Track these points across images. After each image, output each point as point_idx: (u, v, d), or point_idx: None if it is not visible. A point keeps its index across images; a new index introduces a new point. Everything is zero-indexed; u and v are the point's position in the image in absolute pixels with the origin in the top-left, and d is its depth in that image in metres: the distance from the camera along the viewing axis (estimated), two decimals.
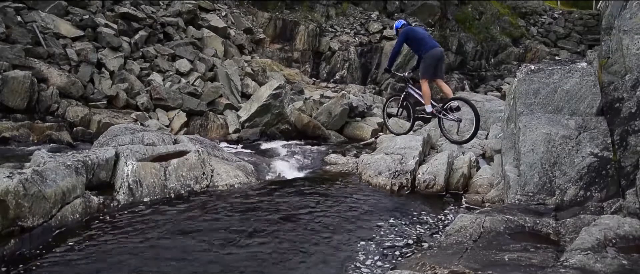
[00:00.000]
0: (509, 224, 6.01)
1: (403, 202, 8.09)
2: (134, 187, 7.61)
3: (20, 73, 13.08)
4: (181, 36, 19.57)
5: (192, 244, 6.04)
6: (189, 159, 8.47)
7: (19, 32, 14.57)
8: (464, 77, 29.19)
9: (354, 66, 24.94)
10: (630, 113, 6.55)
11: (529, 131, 7.18)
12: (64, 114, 13.67)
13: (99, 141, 9.66)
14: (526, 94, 7.65)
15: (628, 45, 6.93)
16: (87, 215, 6.86)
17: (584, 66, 7.62)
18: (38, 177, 6.40)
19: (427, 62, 10.56)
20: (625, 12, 7.17)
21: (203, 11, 22.16)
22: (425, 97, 10.56)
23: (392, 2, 28.74)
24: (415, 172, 9.02)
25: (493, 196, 8.01)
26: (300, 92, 20.25)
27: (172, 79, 16.67)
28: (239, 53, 21.80)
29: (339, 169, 10.35)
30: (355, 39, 25.87)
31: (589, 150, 6.67)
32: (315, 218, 7.10)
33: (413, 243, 6.40)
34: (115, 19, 17.54)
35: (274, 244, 6.14)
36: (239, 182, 8.75)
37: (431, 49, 10.52)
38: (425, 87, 10.53)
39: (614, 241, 5.01)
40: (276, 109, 16.12)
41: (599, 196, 6.30)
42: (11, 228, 5.87)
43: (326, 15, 26.81)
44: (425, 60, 10.59)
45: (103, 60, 15.76)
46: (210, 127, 15.49)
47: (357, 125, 17.11)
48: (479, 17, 31.95)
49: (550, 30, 34.95)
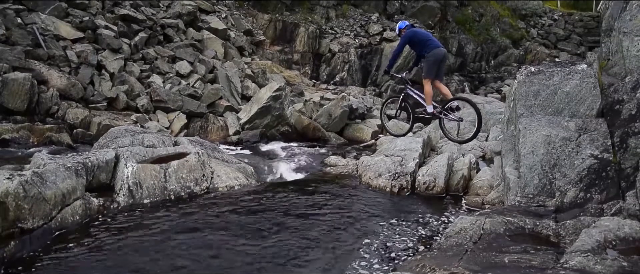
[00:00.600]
0: (509, 226, 6.02)
1: (403, 204, 8.10)
2: (134, 189, 7.61)
3: (20, 75, 13.07)
4: (181, 38, 19.56)
5: (193, 245, 6.05)
6: (189, 161, 8.48)
7: (19, 34, 14.56)
8: (464, 79, 29.18)
9: (354, 68, 24.93)
10: (630, 115, 6.56)
11: (529, 132, 7.19)
12: (64, 116, 13.65)
13: (99, 142, 9.67)
14: (526, 96, 7.65)
15: (628, 47, 6.95)
16: (87, 217, 6.86)
17: (584, 68, 7.63)
18: (38, 179, 6.40)
19: (430, 62, 10.37)
20: (625, 14, 7.18)
21: (203, 13, 22.15)
22: (427, 98, 10.45)
23: (392, 4, 28.74)
24: (415, 174, 9.03)
25: (493, 197, 8.02)
26: (300, 94, 20.25)
27: (172, 81, 16.66)
28: (239, 55, 21.79)
29: (339, 171, 10.35)
30: (355, 41, 25.85)
31: (589, 152, 6.67)
32: (315, 220, 7.11)
33: (413, 245, 6.40)
34: (115, 20, 17.53)
35: (274, 246, 6.14)
36: (239, 184, 8.75)
37: (434, 49, 10.37)
38: (427, 88, 10.41)
39: (614, 243, 5.02)
40: (276, 111, 16.11)
41: (599, 198, 6.31)
42: (11, 229, 5.87)
43: (326, 17, 26.80)
44: (428, 60, 10.37)
45: (103, 62, 15.75)
46: (210, 129, 15.48)
47: (357, 127, 17.11)
48: (479, 18, 31.94)
49: (551, 32, 34.94)
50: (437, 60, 10.23)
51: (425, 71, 10.33)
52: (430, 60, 10.24)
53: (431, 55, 10.27)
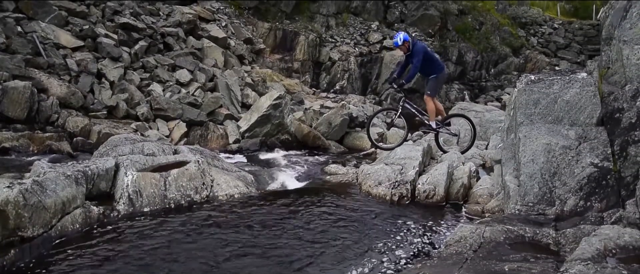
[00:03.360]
0: (509, 235, 6.01)
1: (403, 213, 8.09)
2: (134, 197, 7.60)
3: (21, 83, 13.09)
4: (181, 46, 19.61)
5: (193, 254, 6.03)
6: (189, 169, 8.47)
7: (19, 42, 14.59)
8: (464, 87, 29.24)
9: (354, 76, 25.00)
10: (630, 123, 6.56)
11: (529, 141, 7.19)
12: (64, 125, 13.66)
13: (99, 151, 9.65)
14: (526, 104, 7.65)
15: (628, 56, 6.95)
16: (87, 225, 6.85)
17: (584, 76, 7.63)
18: (38, 187, 6.40)
19: (440, 81, 11.31)
20: (625, 23, 7.18)
21: (203, 21, 22.22)
22: (431, 114, 11.00)
23: (392, 13, 28.84)
24: (415, 182, 9.02)
25: (493, 206, 8.01)
26: (300, 103, 20.29)
27: (172, 89, 16.68)
28: (239, 63, 21.83)
29: (338, 180, 10.35)
30: (355, 50, 25.93)
31: (589, 160, 6.67)
32: (315, 228, 7.10)
33: (413, 253, 6.39)
34: (116, 29, 17.58)
35: (274, 254, 6.13)
36: (239, 192, 8.74)
37: (443, 70, 11.20)
38: (431, 105, 10.97)
39: (614, 252, 5.01)
40: (276, 119, 16.12)
41: (599, 206, 6.31)
42: (11, 238, 5.86)
43: (326, 26, 26.87)
44: (439, 79, 11.17)
45: (103, 70, 15.78)
46: (210, 138, 15.49)
47: (357, 135, 17.12)
48: (479, 27, 32.02)
49: (551, 40, 35.03)
50: (443, 81, 10.69)
51: (432, 89, 11.05)
52: (441, 80, 11.23)
53: (442, 76, 11.23)
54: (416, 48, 10.80)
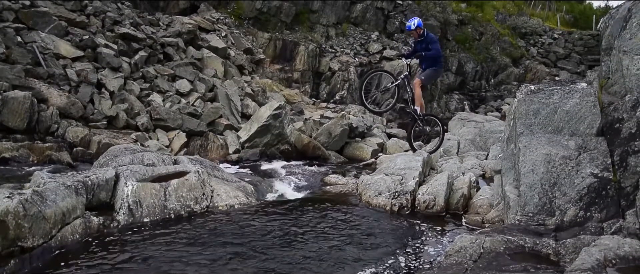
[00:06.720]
0: (509, 245, 6.01)
1: (403, 223, 8.08)
2: (134, 207, 7.59)
3: (20, 93, 13.08)
4: (181, 56, 19.62)
5: (193, 265, 6.03)
6: (188, 179, 8.46)
7: (18, 52, 14.60)
8: (464, 97, 29.26)
9: (354, 86, 24.97)
10: (630, 134, 6.57)
11: (529, 151, 7.20)
12: (64, 135, 13.65)
13: (99, 161, 9.64)
14: (526, 114, 7.66)
15: (628, 66, 6.97)
16: (87, 235, 6.84)
17: (584, 87, 7.65)
18: (38, 197, 6.39)
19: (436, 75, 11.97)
20: (625, 33, 7.21)
21: (203, 32, 22.24)
22: (417, 99, 11.36)
23: (392, 23, 28.88)
24: (415, 192, 9.02)
25: (493, 216, 8.01)
26: (300, 113, 20.29)
27: (172, 100, 16.68)
28: (239, 73, 21.84)
29: (338, 190, 10.35)
30: (355, 60, 25.94)
31: (589, 170, 6.67)
32: (314, 239, 7.09)
33: (413, 264, 6.39)
34: (115, 39, 17.58)
35: (273, 265, 6.12)
36: (239, 202, 8.73)
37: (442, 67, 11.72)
38: (419, 91, 11.30)
39: (614, 262, 5.00)
40: (276, 129, 16.12)
41: (599, 217, 6.30)
42: (11, 248, 5.85)
43: (326, 36, 26.91)
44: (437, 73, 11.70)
45: (103, 80, 15.77)
46: (210, 148, 15.48)
47: (357, 145, 17.14)
48: (479, 37, 32.09)
49: (550, 50, 35.08)
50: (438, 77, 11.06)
51: (427, 78, 11.45)
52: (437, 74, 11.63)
53: (440, 70, 11.80)
54: (431, 36, 11.32)
